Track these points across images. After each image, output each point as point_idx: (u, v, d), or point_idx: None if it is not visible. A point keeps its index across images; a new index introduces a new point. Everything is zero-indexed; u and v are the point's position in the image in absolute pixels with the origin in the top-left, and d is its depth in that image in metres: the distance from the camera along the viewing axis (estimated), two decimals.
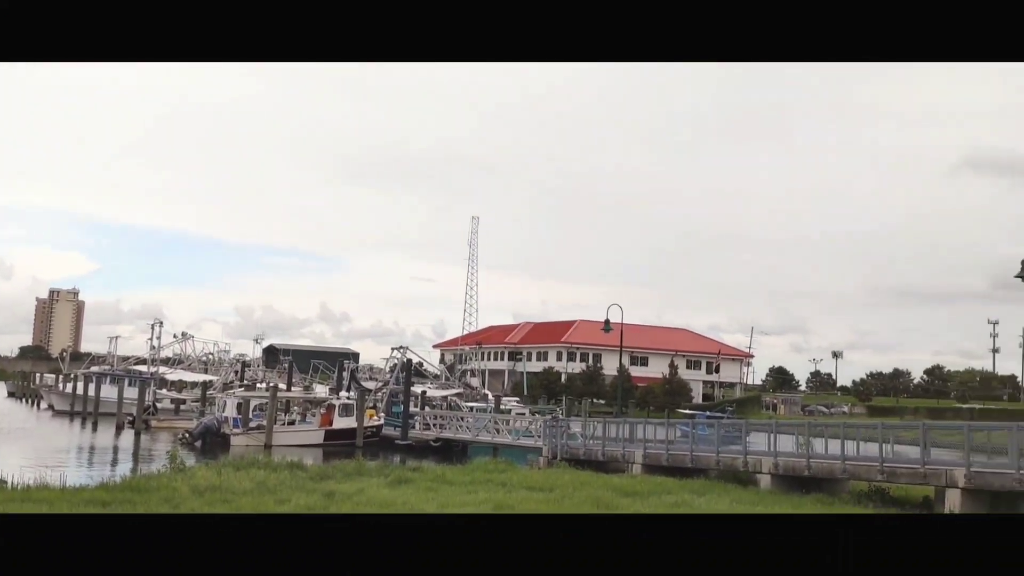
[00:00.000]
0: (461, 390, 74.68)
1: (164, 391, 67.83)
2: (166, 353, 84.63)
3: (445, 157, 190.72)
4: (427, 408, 55.83)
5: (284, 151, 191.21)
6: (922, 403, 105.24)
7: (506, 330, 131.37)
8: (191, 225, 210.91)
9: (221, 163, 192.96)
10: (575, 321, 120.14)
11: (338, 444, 45.48)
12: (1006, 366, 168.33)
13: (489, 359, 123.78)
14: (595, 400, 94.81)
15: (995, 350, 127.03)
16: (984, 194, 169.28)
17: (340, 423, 48.06)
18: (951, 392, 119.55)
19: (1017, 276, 25.93)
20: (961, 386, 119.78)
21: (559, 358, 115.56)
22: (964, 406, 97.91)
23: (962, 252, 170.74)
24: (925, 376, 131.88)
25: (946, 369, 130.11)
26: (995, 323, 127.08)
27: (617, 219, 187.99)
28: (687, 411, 74.92)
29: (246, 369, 79.52)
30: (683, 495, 19.79)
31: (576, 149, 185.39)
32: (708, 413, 68.56)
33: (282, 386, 61.25)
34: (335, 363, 70.87)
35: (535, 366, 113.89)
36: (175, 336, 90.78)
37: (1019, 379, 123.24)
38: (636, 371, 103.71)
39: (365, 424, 48.14)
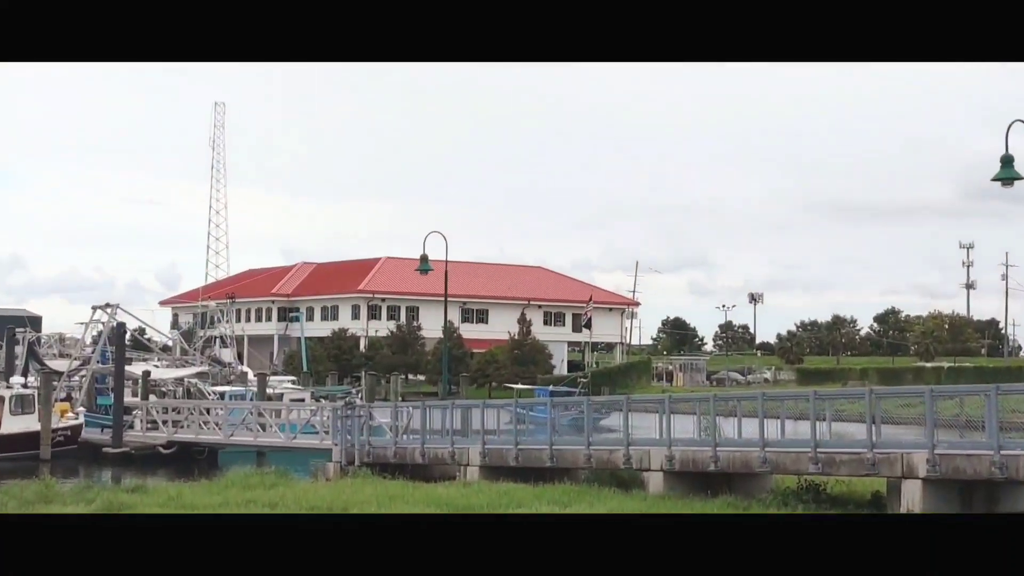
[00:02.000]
0: (205, 368, 73.51)
1: None
2: None
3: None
4: (152, 397, 55.31)
5: None
6: (872, 363, 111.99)
7: (274, 275, 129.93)
8: None
9: None
10: (379, 259, 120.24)
11: (10, 457, 44.73)
12: (984, 307, 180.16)
13: (249, 319, 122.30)
14: (410, 376, 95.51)
15: (969, 285, 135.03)
16: (949, 71, 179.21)
17: (12, 425, 47.34)
18: (911, 346, 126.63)
19: (994, 179, 27.13)
20: (924, 337, 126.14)
21: (356, 315, 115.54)
22: (929, 365, 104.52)
23: (920, 150, 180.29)
24: (876, 325, 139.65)
25: (904, 314, 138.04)
26: (968, 247, 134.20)
27: (429, 101, 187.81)
28: (524, 387, 76.77)
29: None
30: (540, 509, 20.18)
31: None
32: (551, 388, 70.38)
33: None
34: (1, 332, 68.49)
35: (320, 328, 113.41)
36: None
37: (1002, 325, 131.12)
38: (470, 331, 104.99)
39: (54, 425, 47.59)
